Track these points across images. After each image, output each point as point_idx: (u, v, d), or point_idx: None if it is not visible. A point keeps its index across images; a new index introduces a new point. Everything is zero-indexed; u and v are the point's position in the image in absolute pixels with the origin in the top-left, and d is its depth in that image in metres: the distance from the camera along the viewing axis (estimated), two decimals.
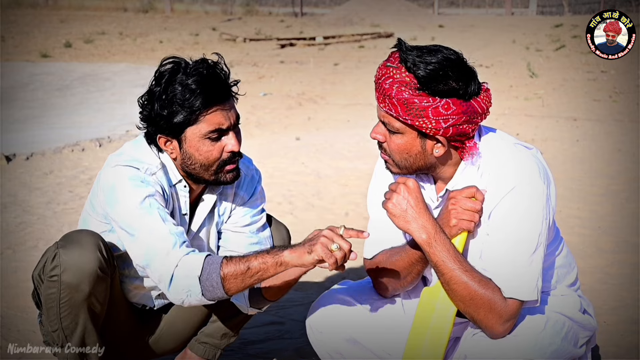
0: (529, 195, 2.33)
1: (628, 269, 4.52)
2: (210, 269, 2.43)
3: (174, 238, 2.49)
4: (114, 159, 2.64)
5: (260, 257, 2.41)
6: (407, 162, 2.40)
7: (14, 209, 5.90)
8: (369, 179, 2.72)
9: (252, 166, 2.91)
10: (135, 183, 2.56)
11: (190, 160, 2.62)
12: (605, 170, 6.93)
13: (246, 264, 2.41)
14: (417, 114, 2.29)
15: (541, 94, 11.10)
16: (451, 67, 2.29)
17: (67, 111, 10.65)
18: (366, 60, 15.45)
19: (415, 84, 2.28)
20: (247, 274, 2.41)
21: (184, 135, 2.58)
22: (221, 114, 2.57)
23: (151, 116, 2.59)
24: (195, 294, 2.46)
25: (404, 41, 2.35)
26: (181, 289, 2.46)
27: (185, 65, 2.57)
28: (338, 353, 2.62)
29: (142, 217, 2.52)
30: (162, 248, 2.48)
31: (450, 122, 2.30)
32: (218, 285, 2.43)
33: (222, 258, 2.45)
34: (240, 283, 2.43)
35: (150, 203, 2.54)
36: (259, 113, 10.33)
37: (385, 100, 2.33)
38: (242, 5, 28.52)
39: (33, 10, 26.32)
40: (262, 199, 2.92)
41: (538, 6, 27.81)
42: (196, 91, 2.52)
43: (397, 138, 2.37)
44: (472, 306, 2.33)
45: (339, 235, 2.32)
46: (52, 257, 2.59)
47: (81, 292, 2.57)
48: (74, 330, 2.64)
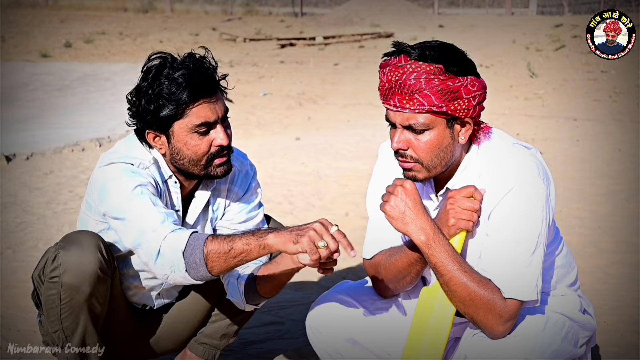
0: (529, 195, 2.33)
1: (628, 269, 4.52)
2: (194, 245, 2.38)
3: (162, 216, 2.47)
4: (106, 157, 2.65)
5: (244, 237, 2.35)
6: (438, 158, 2.38)
7: (14, 209, 5.90)
8: (369, 179, 2.72)
9: (246, 161, 2.89)
10: (127, 174, 2.57)
11: (179, 155, 2.62)
12: (605, 170, 6.93)
13: (230, 244, 2.35)
14: (452, 97, 2.31)
15: (541, 94, 11.10)
16: (453, 49, 2.35)
17: (67, 111, 10.65)
18: (366, 60, 15.45)
19: (441, 69, 2.30)
20: (230, 254, 2.35)
21: (171, 130, 2.59)
22: (208, 107, 2.57)
23: (139, 111, 2.60)
24: (180, 269, 2.40)
25: (401, 42, 2.37)
26: (166, 264, 2.41)
27: (172, 60, 2.58)
28: (338, 353, 2.62)
29: (132, 201, 2.51)
30: (151, 224, 2.45)
31: (477, 100, 2.35)
32: (201, 262, 2.38)
33: (208, 236, 2.40)
34: (223, 263, 2.37)
35: (142, 190, 2.53)
36: (259, 113, 10.33)
37: (413, 98, 2.31)
38: (242, 5, 28.51)
39: (33, 10, 26.30)
40: (258, 194, 2.90)
41: (538, 6, 27.81)
42: (182, 84, 2.52)
43: (426, 135, 2.36)
44: (472, 307, 2.33)
45: (328, 232, 2.25)
46: (52, 258, 2.58)
47: (82, 293, 2.57)
48: (74, 331, 2.64)
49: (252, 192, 2.88)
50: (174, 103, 2.54)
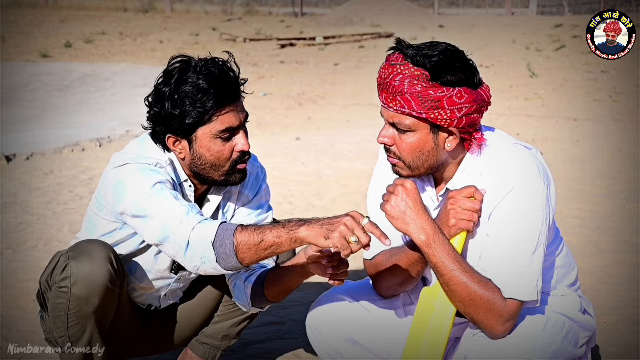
0: (529, 195, 2.33)
1: (628, 269, 4.52)
2: (224, 235, 2.36)
3: (186, 208, 2.45)
4: (120, 158, 2.61)
5: (275, 230, 2.32)
6: (419, 160, 2.39)
7: (14, 209, 5.90)
8: (369, 179, 2.72)
9: (257, 164, 2.89)
10: (145, 172, 2.54)
11: (200, 160, 2.60)
12: (605, 170, 6.93)
13: (260, 236, 2.33)
14: (432, 105, 2.29)
15: (541, 94, 11.11)
16: (455, 57, 2.31)
17: (67, 111, 10.65)
18: (366, 60, 15.45)
19: (427, 76, 2.28)
20: (261, 246, 2.33)
21: (194, 135, 2.56)
22: (233, 113, 2.56)
23: (161, 115, 2.56)
24: (210, 260, 2.38)
25: (403, 40, 2.36)
26: (196, 256, 2.39)
27: (195, 65, 2.55)
28: (338, 353, 2.62)
29: (152, 197, 2.48)
30: (177, 217, 2.42)
31: (463, 111, 2.31)
32: (231, 253, 2.35)
33: (237, 226, 2.38)
34: (254, 255, 2.35)
35: (161, 187, 2.50)
36: (259, 113, 10.33)
37: (395, 99, 2.32)
38: (242, 5, 28.52)
39: (33, 10, 26.31)
40: (267, 196, 2.89)
41: (538, 6, 27.81)
42: (208, 90, 2.50)
43: (409, 137, 2.36)
44: (472, 307, 2.33)
45: (360, 226, 2.21)
46: (62, 267, 2.56)
47: (90, 305, 2.56)
48: (80, 338, 2.63)
49: (262, 194, 2.87)
50: (200, 109, 2.51)
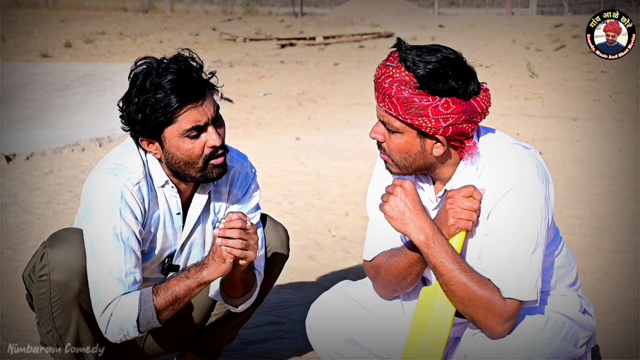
0: (528, 195, 2.33)
1: (628, 269, 4.52)
2: (145, 308, 2.54)
3: (122, 285, 2.55)
4: (101, 163, 2.66)
5: (182, 282, 2.54)
6: (407, 161, 2.40)
7: (14, 209, 5.90)
8: (369, 179, 2.72)
9: (246, 163, 2.89)
10: (114, 203, 2.57)
11: (173, 159, 2.61)
12: (605, 170, 6.94)
13: (173, 294, 2.55)
14: (417, 113, 2.29)
15: (541, 94, 11.11)
16: (451, 67, 2.29)
17: (67, 111, 10.66)
18: (366, 60, 15.46)
19: (415, 83, 2.28)
20: (177, 302, 2.56)
21: (163, 136, 2.57)
22: (196, 110, 2.55)
23: (129, 119, 2.59)
24: (132, 333, 2.57)
25: (403, 41, 2.35)
26: (116, 332, 2.57)
27: (157, 66, 2.55)
28: (338, 353, 2.62)
29: (108, 243, 2.55)
30: (109, 292, 2.54)
31: (449, 122, 2.30)
32: (154, 319, 2.55)
33: (150, 294, 2.54)
34: (171, 311, 2.58)
35: (122, 232, 2.56)
36: (259, 113, 10.33)
37: (384, 100, 2.33)
38: (242, 5, 28.54)
39: (33, 10, 26.32)
40: (256, 197, 2.89)
41: (538, 6, 27.83)
42: (168, 91, 2.51)
43: (397, 137, 2.37)
44: (471, 307, 2.33)
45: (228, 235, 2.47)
46: (40, 257, 2.60)
47: (71, 289, 2.58)
48: (67, 330, 2.65)
49: (250, 194, 2.87)
50: (161, 110, 2.52)
